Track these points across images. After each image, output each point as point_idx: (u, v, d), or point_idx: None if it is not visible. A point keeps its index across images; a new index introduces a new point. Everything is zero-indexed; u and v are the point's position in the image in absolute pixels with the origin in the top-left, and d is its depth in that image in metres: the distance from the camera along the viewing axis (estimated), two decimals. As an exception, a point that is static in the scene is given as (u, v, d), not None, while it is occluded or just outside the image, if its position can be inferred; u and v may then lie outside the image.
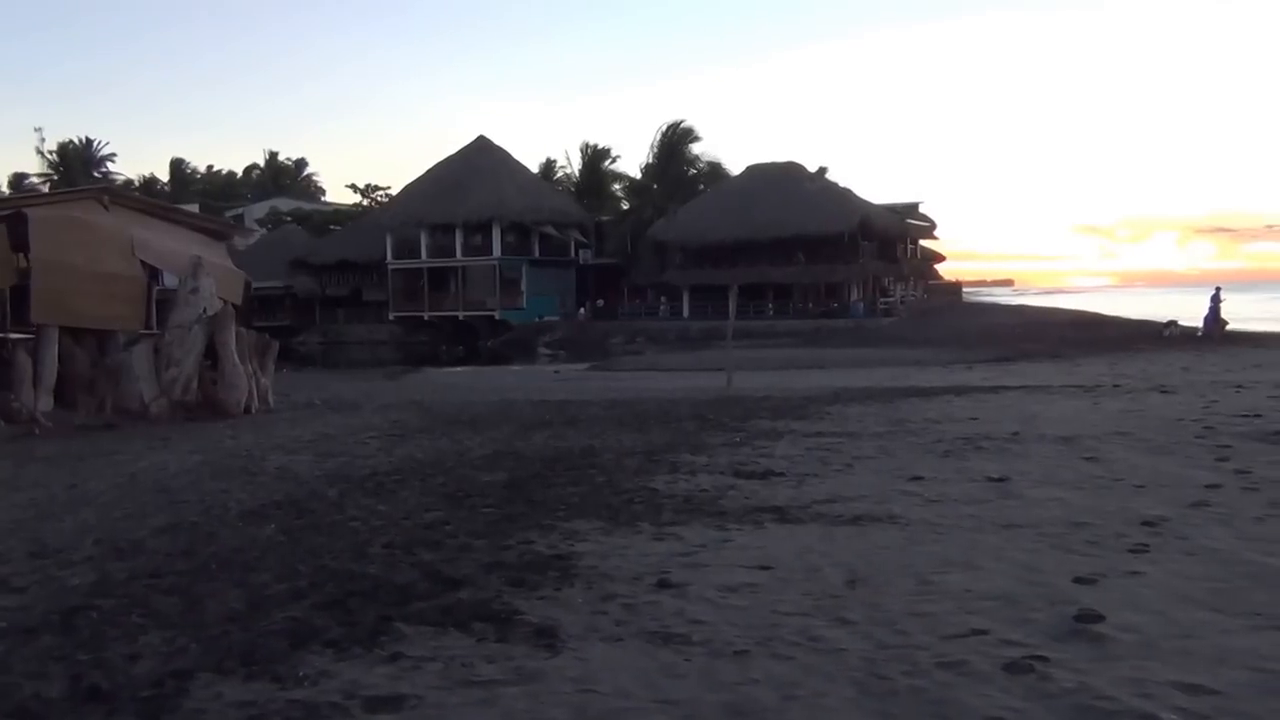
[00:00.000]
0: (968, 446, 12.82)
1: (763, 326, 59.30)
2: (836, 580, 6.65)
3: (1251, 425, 14.00)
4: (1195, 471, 10.54)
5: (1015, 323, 56.57)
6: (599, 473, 11.57)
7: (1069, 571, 6.65)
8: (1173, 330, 44.24)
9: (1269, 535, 7.64)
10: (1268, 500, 8.93)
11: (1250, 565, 6.75)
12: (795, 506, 9.30)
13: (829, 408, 18.35)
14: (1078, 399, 19.17)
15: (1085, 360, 31.99)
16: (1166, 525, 8.02)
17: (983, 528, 8.17)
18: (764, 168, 73.33)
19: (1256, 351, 33.78)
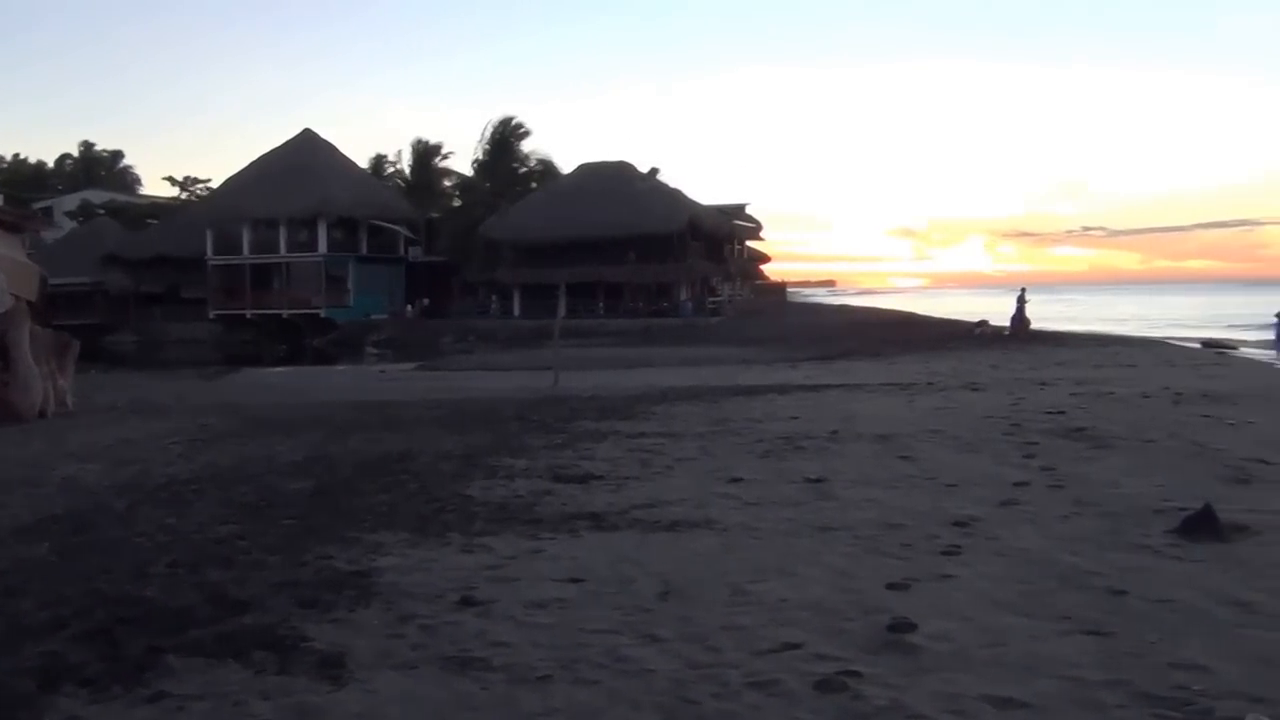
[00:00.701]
0: (788, 446, 12.83)
1: (593, 325, 59.14)
2: (649, 592, 6.38)
3: (1055, 422, 14.52)
4: (1004, 469, 10.77)
5: (837, 322, 58.28)
6: (412, 479, 11.04)
7: (883, 577, 6.56)
8: (983, 329, 46.24)
9: (1074, 534, 7.77)
10: (1072, 498, 9.14)
11: (1057, 565, 6.80)
12: (613, 512, 9.01)
13: (655, 407, 18.22)
14: (894, 397, 19.62)
15: (902, 358, 32.99)
16: (977, 525, 8.08)
17: (799, 531, 8.06)
18: (595, 167, 73.31)
19: (1058, 350, 35.53)
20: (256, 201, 70.80)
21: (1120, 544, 7.42)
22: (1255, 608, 5.76)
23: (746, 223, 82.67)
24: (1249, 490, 9.51)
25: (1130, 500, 8.99)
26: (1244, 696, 4.43)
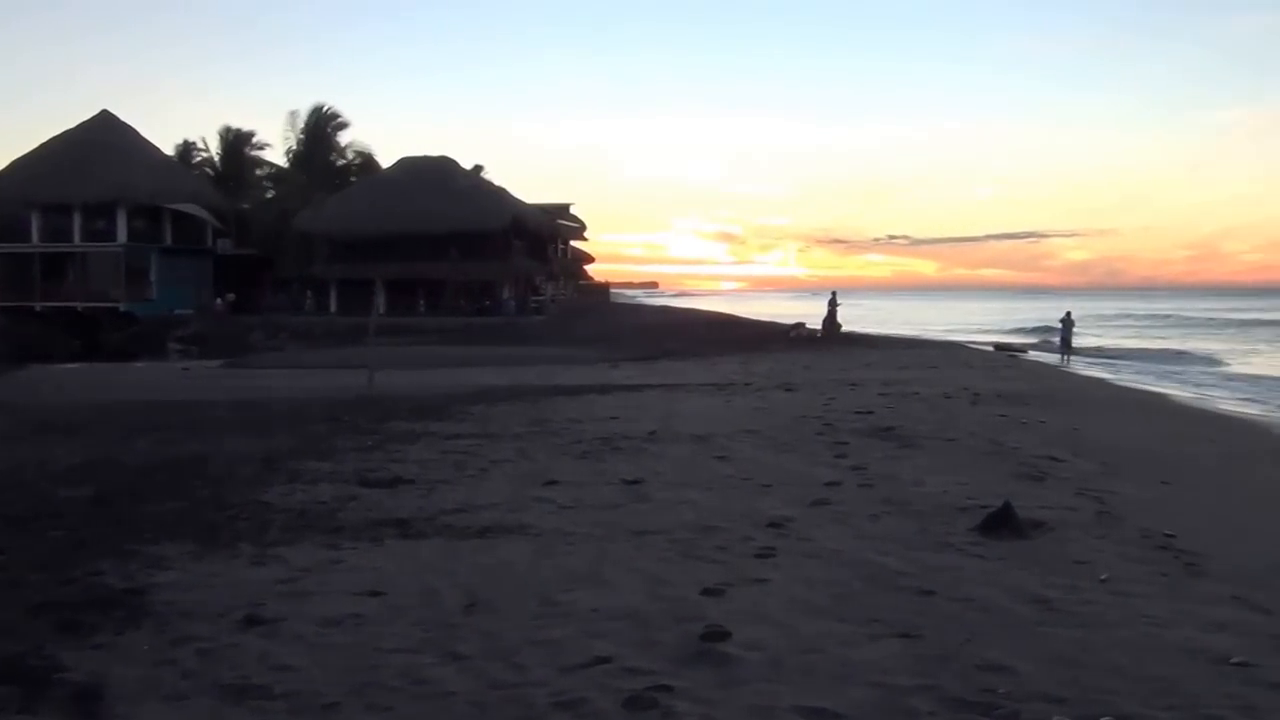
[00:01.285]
0: (606, 447, 12.66)
1: (413, 323, 57.71)
2: (455, 605, 6.04)
3: (865, 422, 14.86)
4: (817, 469, 10.88)
5: (659, 323, 58.76)
6: (205, 484, 10.31)
7: (698, 582, 6.42)
8: (798, 332, 47.45)
9: (883, 533, 7.84)
10: (881, 497, 9.28)
11: (868, 566, 6.82)
12: (421, 518, 8.60)
13: (472, 407, 17.78)
14: (713, 397, 19.77)
15: (721, 359, 33.44)
16: (791, 526, 8.07)
17: (615, 535, 7.85)
18: (417, 161, 71.56)
19: (867, 352, 36.76)
20: (46, 185, 65.85)
21: (927, 543, 7.53)
22: (1054, 605, 5.89)
23: (570, 223, 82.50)
24: (1043, 487, 9.89)
25: (936, 498, 9.19)
26: (1047, 698, 4.45)
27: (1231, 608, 5.89)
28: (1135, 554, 7.19)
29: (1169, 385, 29.09)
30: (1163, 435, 15.82)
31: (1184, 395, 25.36)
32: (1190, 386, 29.39)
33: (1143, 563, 6.94)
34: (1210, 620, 5.61)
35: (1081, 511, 8.63)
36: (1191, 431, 16.87)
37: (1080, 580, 6.42)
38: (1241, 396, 27.07)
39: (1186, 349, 49.90)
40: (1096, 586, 6.29)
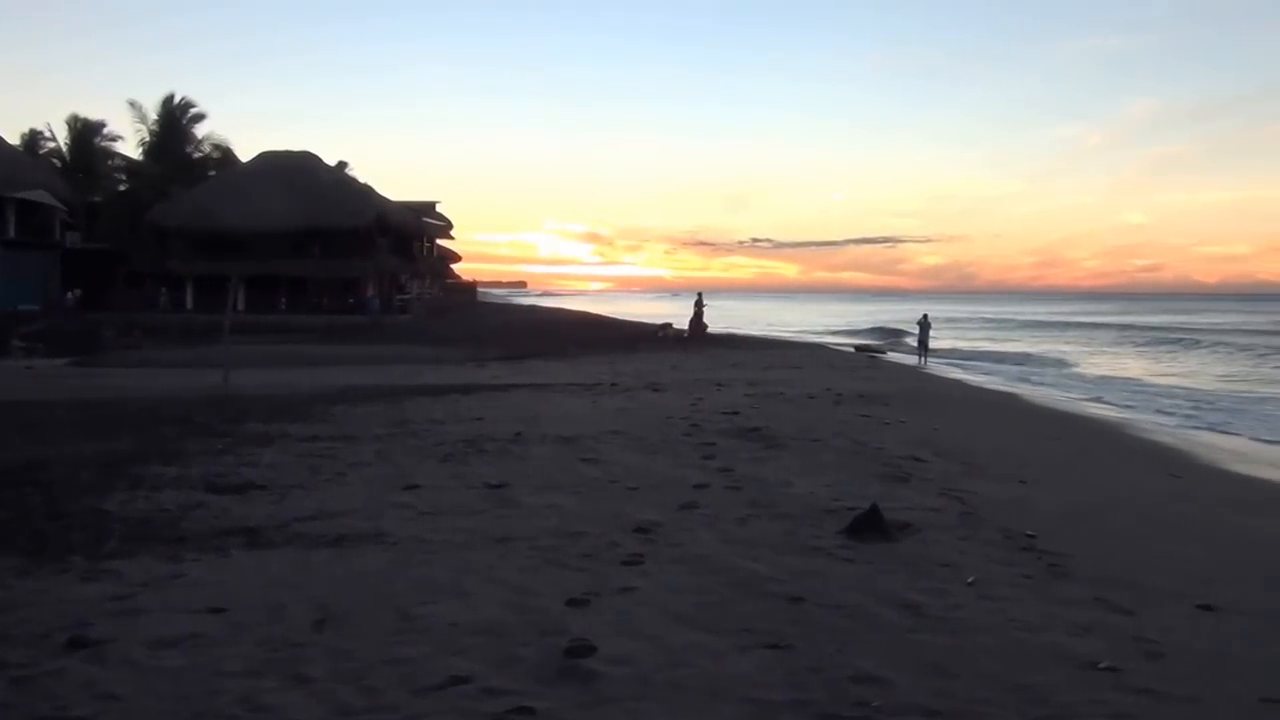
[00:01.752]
0: (470, 449, 12.31)
1: (274, 321, 55.86)
2: (303, 621, 5.66)
3: (731, 422, 14.86)
4: (685, 471, 10.76)
5: (526, 322, 58.34)
6: (37, 491, 9.60)
7: (563, 592, 6.19)
8: (665, 332, 47.66)
9: (751, 537, 7.74)
10: (749, 500, 9.20)
11: (737, 572, 6.69)
12: (272, 526, 8.15)
13: (332, 408, 17.17)
14: (580, 397, 19.55)
15: (588, 359, 33.27)
16: (659, 531, 7.91)
17: (476, 543, 7.56)
18: (278, 156, 69.34)
19: (733, 352, 37.10)
20: None
21: (795, 546, 7.46)
22: (923, 610, 5.85)
23: (437, 221, 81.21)
24: (908, 488, 9.98)
25: (803, 501, 9.16)
26: (920, 710, 4.37)
27: (1095, 609, 5.95)
28: (999, 555, 7.25)
29: (1020, 386, 30.15)
30: (1017, 435, 16.26)
31: (1035, 395, 26.26)
32: (1040, 387, 30.54)
33: (1007, 564, 7.00)
34: (1076, 623, 5.65)
35: (945, 513, 8.70)
36: (1043, 431, 17.41)
37: (948, 584, 6.42)
38: (1088, 396, 28.24)
39: (1034, 351, 51.99)
40: (964, 590, 6.29)
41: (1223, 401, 27.42)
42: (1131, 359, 47.73)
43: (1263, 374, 36.66)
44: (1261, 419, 23.05)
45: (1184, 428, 20.74)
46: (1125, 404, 26.25)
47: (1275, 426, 21.81)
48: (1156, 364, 43.81)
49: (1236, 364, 42.38)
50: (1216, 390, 31.28)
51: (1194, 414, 24.12)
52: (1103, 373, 38.41)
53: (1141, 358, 48.41)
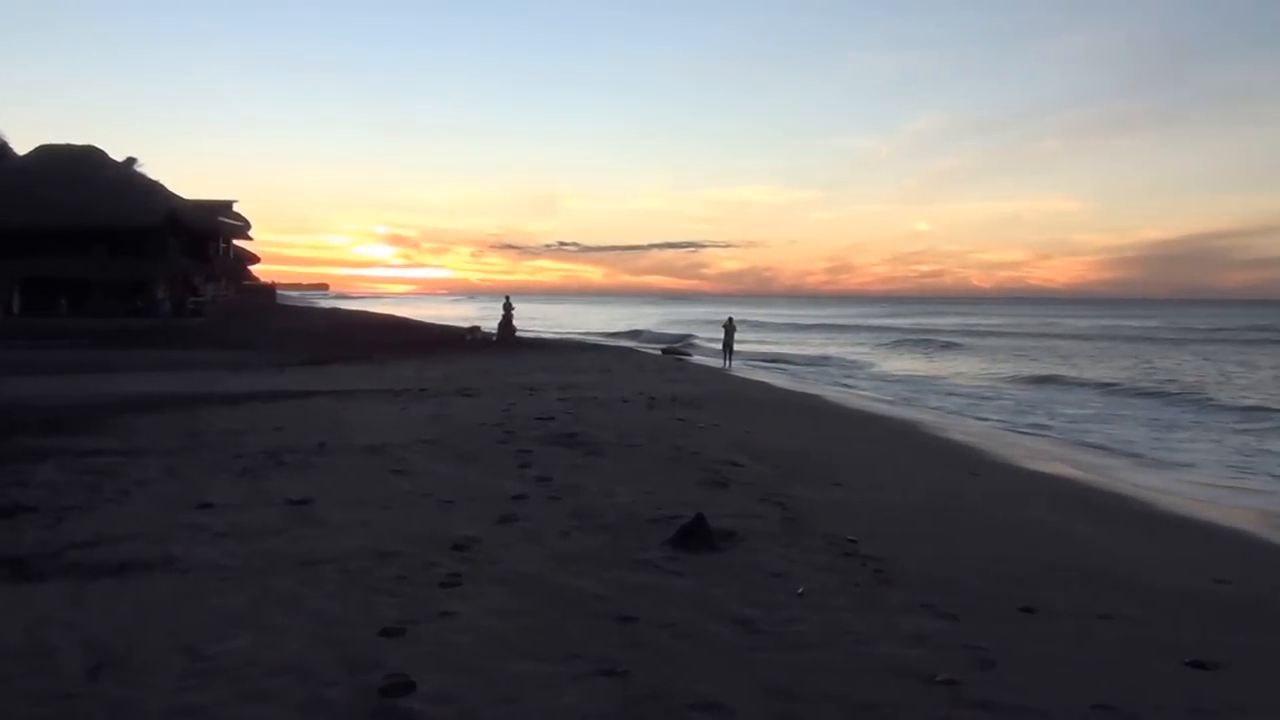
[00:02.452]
0: (270, 462, 11.52)
1: (55, 325, 51.98)
2: (76, 666, 4.99)
3: (547, 428, 14.53)
4: (501, 481, 10.35)
5: (329, 326, 56.28)
6: None
7: (376, 620, 5.71)
8: (474, 335, 46.89)
9: (575, 551, 7.43)
10: (570, 510, 8.89)
11: (563, 591, 6.36)
12: (43, 555, 7.30)
13: (116, 419, 15.88)
14: (388, 404, 18.81)
15: (396, 363, 32.24)
16: (478, 548, 7.49)
17: (278, 568, 6.95)
18: (58, 150, 64.65)
19: (543, 356, 36.77)
20: None
21: (622, 560, 7.19)
22: (757, 626, 5.67)
23: (233, 220, 77.49)
24: (728, 494, 9.88)
25: (625, 510, 8.92)
26: (765, 738, 4.15)
27: (925, 617, 5.92)
28: (825, 562, 7.18)
29: (822, 387, 31.03)
30: (825, 436, 16.56)
31: (837, 396, 27.02)
32: (841, 388, 31.52)
33: (834, 571, 6.93)
34: (909, 633, 5.59)
35: (768, 519, 8.63)
36: (848, 432, 17.83)
37: (778, 595, 6.28)
38: (885, 396, 29.32)
39: (832, 353, 53.85)
40: (795, 602, 6.16)
41: (1004, 398, 28.96)
42: (920, 359, 50.03)
43: (1034, 370, 38.94)
44: (1044, 412, 24.44)
45: (975, 423, 21.72)
46: (920, 403, 27.37)
47: (1060, 421, 23.14)
48: (938, 363, 46.02)
49: (1011, 362, 44.97)
50: (998, 386, 33.06)
51: (981, 409, 25.35)
52: (896, 373, 40.05)
53: (929, 358, 50.82)
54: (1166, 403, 27.57)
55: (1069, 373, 38.87)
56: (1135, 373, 39.62)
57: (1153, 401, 28.00)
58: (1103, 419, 24.22)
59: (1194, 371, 40.80)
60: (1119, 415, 25.12)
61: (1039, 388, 33.15)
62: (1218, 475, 16.02)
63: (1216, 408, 26.21)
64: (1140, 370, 41.24)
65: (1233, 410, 25.66)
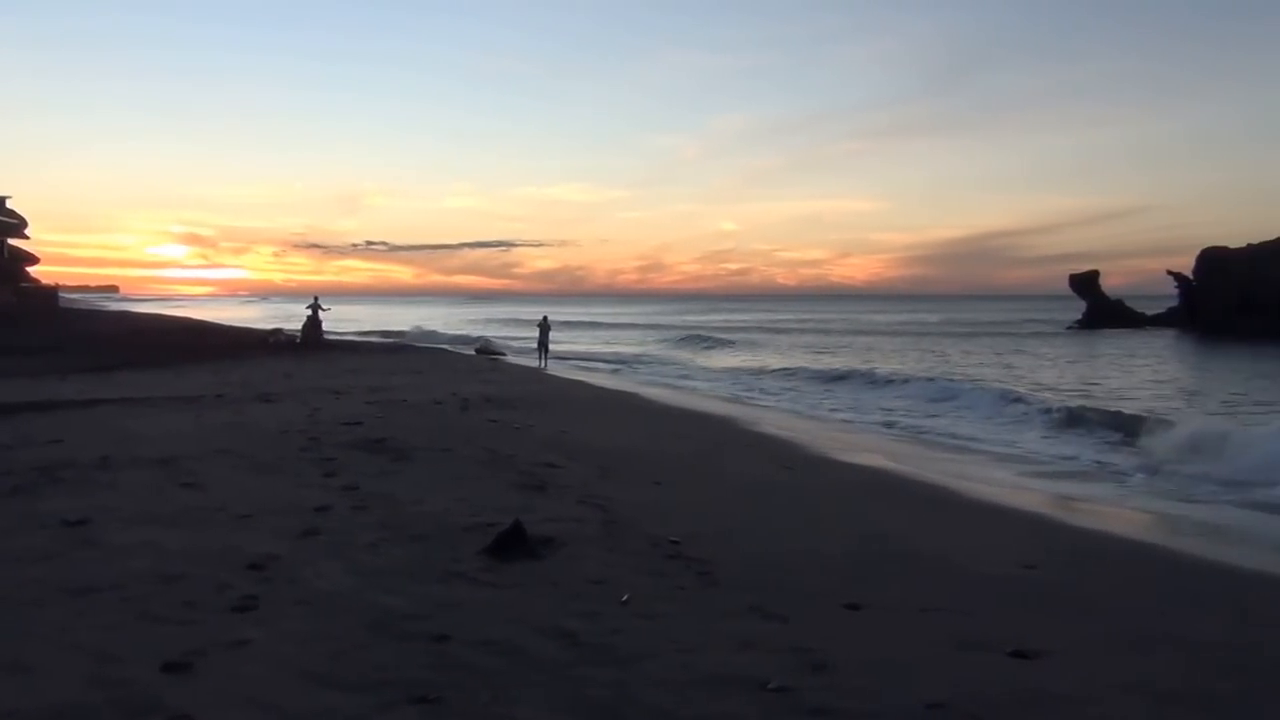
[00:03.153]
0: (44, 479, 10.49)
1: None
2: None
3: (354, 434, 13.87)
4: (304, 492, 9.72)
5: (118, 330, 52.95)
6: None
7: (158, 654, 5.12)
8: (276, 338, 44.95)
9: (384, 565, 6.96)
10: (379, 520, 8.39)
11: (370, 610, 5.90)
12: None
13: None
14: (180, 412, 17.61)
15: (190, 369, 30.46)
16: (277, 566, 6.93)
17: (48, 598, 6.21)
18: None
19: (350, 357, 35.52)
20: None
21: (434, 573, 6.77)
22: (581, 639, 5.38)
23: (7, 218, 72.09)
24: (546, 497, 9.58)
25: (438, 518, 8.49)
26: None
27: (752, 619, 5.77)
28: (649, 566, 6.97)
29: (637, 384, 31.12)
30: (643, 434, 16.46)
31: (652, 393, 27.09)
32: (655, 385, 31.68)
33: (658, 575, 6.72)
34: (737, 637, 5.41)
35: (588, 522, 8.36)
36: (665, 428, 17.81)
37: (603, 604, 6.01)
38: (702, 391, 29.65)
39: (646, 350, 54.31)
40: (620, 611, 5.90)
41: (807, 391, 29.75)
42: (731, 355, 50.97)
43: (838, 363, 40.23)
44: (847, 404, 25.21)
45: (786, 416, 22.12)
46: (732, 398, 27.78)
47: (864, 412, 23.88)
48: (744, 357, 46.98)
49: (814, 355, 46.34)
50: (814, 379, 33.93)
51: (788, 401, 25.93)
52: (709, 368, 40.63)
53: (740, 353, 51.82)
54: (952, 391, 28.77)
55: (870, 366, 40.32)
56: (924, 364, 41.46)
57: (943, 390, 29.20)
58: (904, 410, 25.10)
59: (981, 362, 43.01)
60: (917, 405, 26.10)
61: (840, 381, 34.17)
62: (1021, 464, 16.76)
63: (996, 398, 27.43)
64: (931, 361, 43.20)
65: (1016, 401, 27.02)
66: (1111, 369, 38.96)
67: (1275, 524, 11.58)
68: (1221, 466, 15.23)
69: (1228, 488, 13.91)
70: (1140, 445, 17.96)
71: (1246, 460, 15.30)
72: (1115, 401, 26.07)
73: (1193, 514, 12.06)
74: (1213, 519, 11.81)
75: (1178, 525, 11.34)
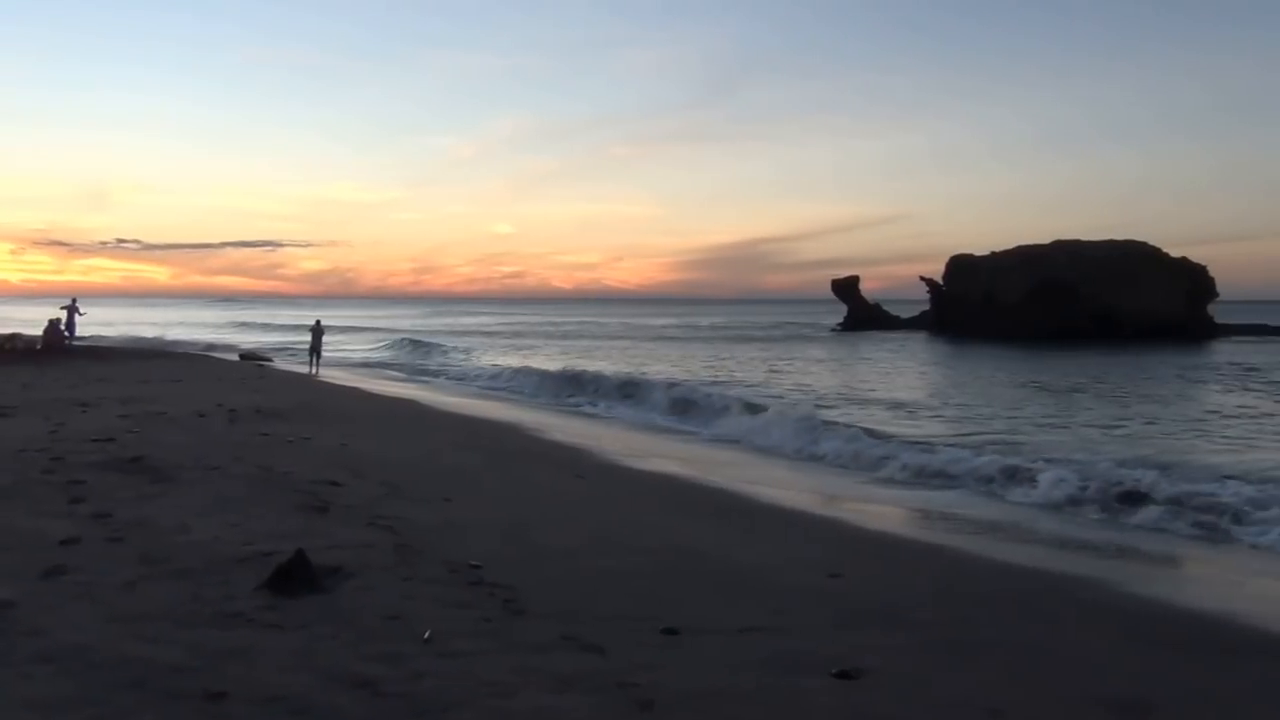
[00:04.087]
0: None
1: None
2: None
3: (106, 452, 12.54)
4: (46, 522, 8.57)
5: None
6: None
7: None
8: (13, 344, 41.07)
9: (146, 609, 6.10)
10: (138, 554, 7.44)
11: (130, 664, 5.09)
12: None
13: None
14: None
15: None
16: (13, 614, 5.95)
17: None
18: None
19: (101, 365, 32.77)
20: None
21: (206, 615, 5.99)
22: (380, 686, 4.79)
23: None
24: (330, 520, 8.83)
25: (208, 549, 7.62)
26: None
27: (566, 651, 5.34)
28: (450, 596, 6.41)
29: (419, 390, 30.10)
30: (426, 445, 15.74)
31: (434, 400, 26.23)
32: (437, 391, 30.75)
33: (461, 606, 6.17)
34: (554, 674, 4.97)
35: (378, 547, 7.70)
36: (450, 438, 17.12)
37: (403, 644, 5.42)
38: (485, 396, 28.97)
39: (422, 355, 52.95)
40: (423, 650, 5.33)
41: (596, 395, 29.59)
42: (514, 358, 50.32)
43: (617, 366, 40.44)
44: (632, 408, 25.21)
45: (572, 420, 21.81)
46: (516, 402, 27.26)
47: (653, 414, 23.92)
48: (522, 359, 46.52)
49: (592, 358, 46.42)
50: (563, 382, 33.58)
51: (572, 405, 25.70)
52: (490, 373, 39.88)
53: (522, 356, 51.25)
54: (730, 395, 29.26)
55: (655, 366, 40.64)
56: (697, 365, 42.24)
57: (725, 394, 29.64)
58: (690, 415, 25.25)
59: (759, 366, 44.18)
60: (698, 410, 26.32)
61: (624, 383, 34.18)
62: (816, 468, 17.08)
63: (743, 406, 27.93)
64: (707, 364, 44.05)
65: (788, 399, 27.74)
66: (871, 372, 40.82)
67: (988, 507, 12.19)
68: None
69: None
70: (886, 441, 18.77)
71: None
72: (866, 406, 27.24)
73: (965, 511, 12.53)
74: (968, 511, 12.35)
75: (942, 520, 11.71)
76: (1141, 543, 11.03)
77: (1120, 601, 7.86)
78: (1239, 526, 11.77)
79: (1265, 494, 13.02)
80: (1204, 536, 11.50)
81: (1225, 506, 12.45)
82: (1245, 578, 9.73)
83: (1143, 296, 64.18)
